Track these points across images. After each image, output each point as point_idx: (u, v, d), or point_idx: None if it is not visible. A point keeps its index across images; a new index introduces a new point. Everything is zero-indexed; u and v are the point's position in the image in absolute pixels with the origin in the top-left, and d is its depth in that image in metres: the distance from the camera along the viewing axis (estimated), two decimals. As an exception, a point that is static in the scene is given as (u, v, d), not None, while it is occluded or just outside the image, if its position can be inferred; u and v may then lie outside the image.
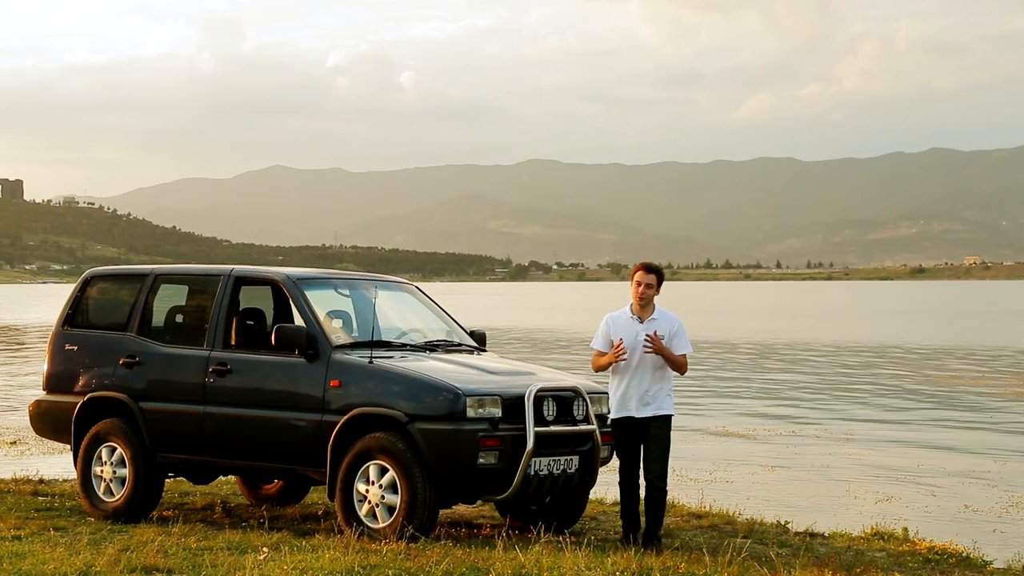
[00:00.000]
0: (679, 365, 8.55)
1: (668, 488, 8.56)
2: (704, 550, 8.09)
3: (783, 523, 9.93)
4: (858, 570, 7.91)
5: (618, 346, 8.39)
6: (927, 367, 31.37)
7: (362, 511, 8.41)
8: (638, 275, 8.56)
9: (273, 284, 9.81)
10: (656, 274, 8.58)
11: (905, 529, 9.62)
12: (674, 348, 8.51)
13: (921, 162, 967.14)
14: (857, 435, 17.64)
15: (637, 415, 8.46)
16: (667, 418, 8.51)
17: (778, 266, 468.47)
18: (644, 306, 8.54)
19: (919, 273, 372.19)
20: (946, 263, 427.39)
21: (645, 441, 8.46)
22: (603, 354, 8.54)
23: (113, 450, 9.61)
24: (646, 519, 8.46)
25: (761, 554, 8.20)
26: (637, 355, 8.46)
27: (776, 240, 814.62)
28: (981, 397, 23.43)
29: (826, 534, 9.55)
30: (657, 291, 8.58)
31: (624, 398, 8.50)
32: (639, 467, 8.51)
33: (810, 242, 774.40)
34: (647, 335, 8.37)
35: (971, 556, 8.82)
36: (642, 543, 8.23)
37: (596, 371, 8.70)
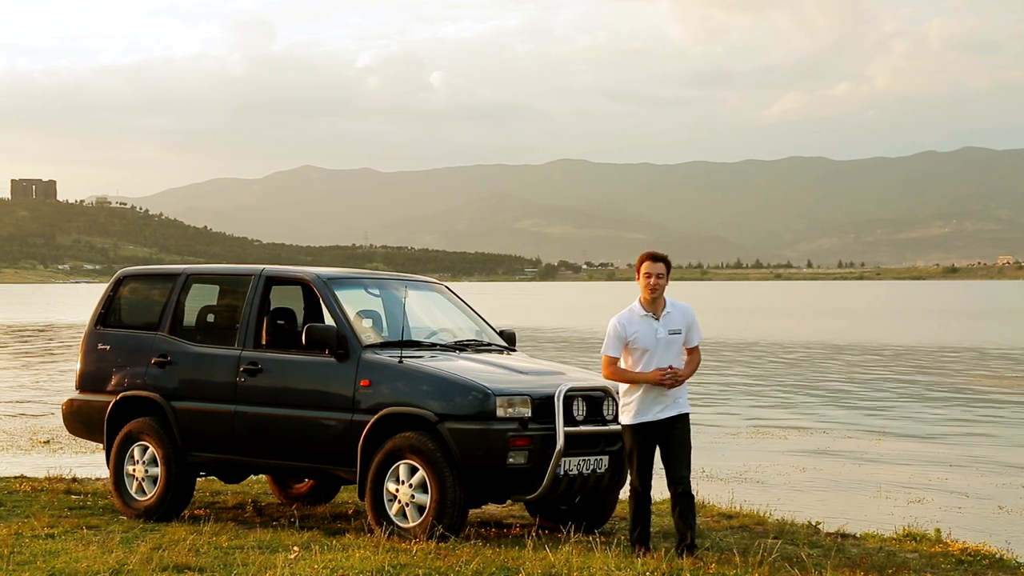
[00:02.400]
0: (696, 368, 8.00)
1: (698, 488, 8.41)
2: (735, 551, 8.06)
3: (814, 524, 9.87)
4: (890, 571, 7.86)
5: (666, 371, 7.75)
6: (960, 367, 31.15)
7: (392, 510, 8.43)
8: (646, 266, 7.90)
9: (304, 284, 9.84)
10: (664, 263, 7.96)
11: (938, 530, 9.55)
12: (688, 340, 7.94)
13: (953, 161, 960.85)
14: (889, 435, 17.54)
15: (659, 418, 7.86)
16: (687, 417, 7.99)
17: (809, 266, 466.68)
18: (656, 299, 7.90)
19: (952, 273, 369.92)
20: (979, 263, 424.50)
21: (667, 443, 7.90)
22: (615, 360, 7.89)
23: (145, 449, 9.66)
24: (683, 527, 7.87)
25: (792, 555, 8.16)
26: (657, 355, 7.84)
27: (807, 240, 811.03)
28: (1015, 398, 23.24)
29: (858, 535, 9.49)
30: (667, 280, 7.94)
31: (644, 401, 7.86)
32: (652, 474, 7.97)
33: (841, 242, 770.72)
34: (666, 372, 7.76)
35: (1004, 558, 8.74)
36: (684, 552, 7.75)
37: (611, 380, 8.08)
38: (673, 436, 7.89)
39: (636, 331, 7.90)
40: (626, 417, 7.95)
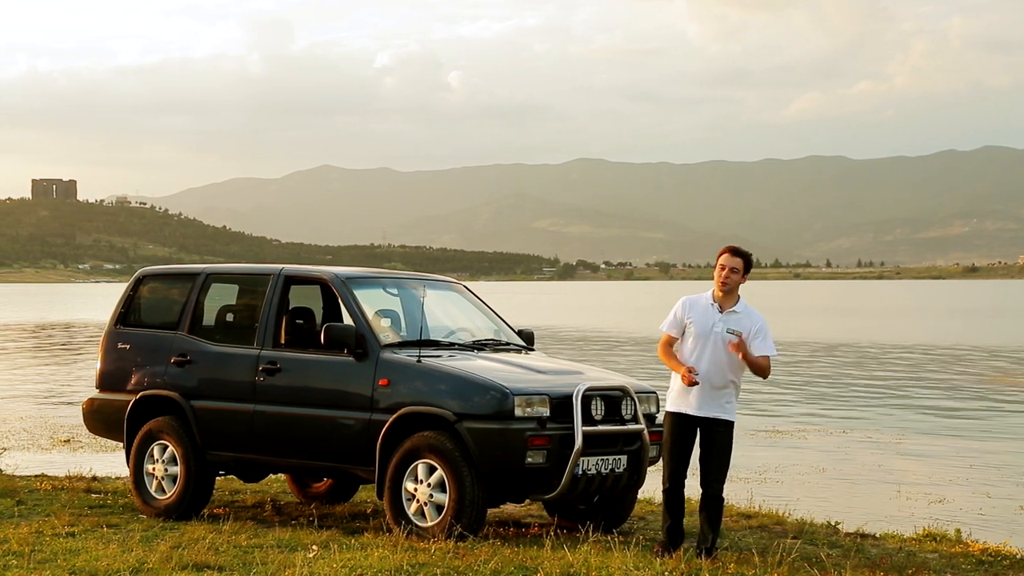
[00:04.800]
0: (761, 368, 7.78)
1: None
2: (754, 550, 8.04)
3: (833, 524, 9.85)
4: (910, 572, 7.83)
5: (690, 371, 7.66)
6: (980, 367, 31.01)
7: (410, 510, 8.43)
8: (723, 258, 7.79)
9: (322, 283, 9.86)
10: (743, 258, 7.78)
11: (958, 530, 9.51)
12: (753, 349, 7.76)
13: (974, 160, 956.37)
14: (909, 436, 17.47)
15: (698, 413, 7.76)
16: (731, 424, 7.86)
17: (828, 265, 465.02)
18: (727, 293, 7.78)
19: (972, 272, 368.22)
20: (999, 262, 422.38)
21: (706, 445, 7.86)
22: (672, 340, 7.83)
23: (165, 448, 9.69)
24: (706, 529, 7.84)
25: (811, 555, 8.13)
26: (710, 346, 7.73)
27: (826, 239, 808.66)
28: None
29: (877, 535, 9.45)
30: (743, 279, 7.80)
31: (688, 391, 7.76)
32: (686, 470, 7.94)
33: (860, 241, 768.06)
34: (733, 334, 7.64)
35: (1025, 558, 8.70)
36: (703, 554, 7.72)
37: (661, 359, 7.98)
38: (713, 439, 7.81)
39: (695, 316, 7.81)
40: (668, 403, 7.94)
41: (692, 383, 7.73)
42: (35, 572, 7.29)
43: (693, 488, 8.07)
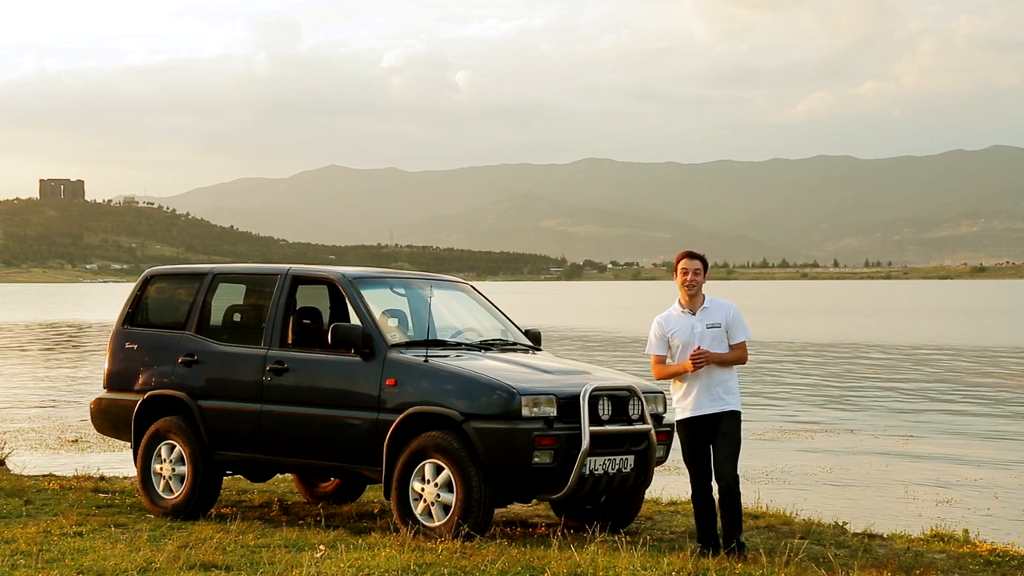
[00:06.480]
0: (737, 359, 8.04)
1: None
2: (761, 551, 8.03)
3: (841, 524, 9.84)
4: (917, 572, 7.82)
5: (696, 352, 7.91)
6: (989, 367, 30.95)
7: (417, 509, 8.44)
8: (682, 263, 8.07)
9: (329, 283, 9.87)
10: (700, 260, 8.09)
11: (965, 531, 9.50)
12: (731, 337, 8.02)
13: (982, 160, 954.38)
14: (917, 436, 17.44)
15: (705, 412, 7.98)
16: (736, 414, 8.03)
17: (835, 265, 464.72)
18: (694, 296, 8.06)
19: (980, 272, 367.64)
20: (1007, 262, 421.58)
21: (714, 440, 8.00)
22: (662, 358, 8.12)
23: (172, 448, 9.70)
24: (724, 524, 7.96)
25: (819, 555, 8.13)
26: (695, 347, 7.99)
27: (833, 239, 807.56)
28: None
29: (885, 535, 9.44)
30: (704, 278, 8.10)
31: (688, 396, 8.01)
32: (711, 472, 8.05)
33: (868, 241, 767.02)
34: (695, 352, 7.91)
35: (1033, 559, 8.67)
36: (723, 550, 7.85)
37: (659, 379, 8.28)
38: (719, 432, 7.99)
39: (674, 328, 8.09)
40: (676, 413, 8.13)
41: (700, 355, 7.90)
42: (43, 571, 7.30)
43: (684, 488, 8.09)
